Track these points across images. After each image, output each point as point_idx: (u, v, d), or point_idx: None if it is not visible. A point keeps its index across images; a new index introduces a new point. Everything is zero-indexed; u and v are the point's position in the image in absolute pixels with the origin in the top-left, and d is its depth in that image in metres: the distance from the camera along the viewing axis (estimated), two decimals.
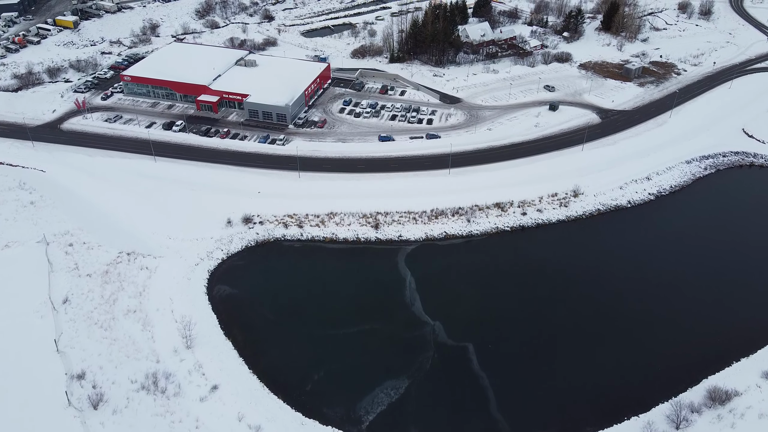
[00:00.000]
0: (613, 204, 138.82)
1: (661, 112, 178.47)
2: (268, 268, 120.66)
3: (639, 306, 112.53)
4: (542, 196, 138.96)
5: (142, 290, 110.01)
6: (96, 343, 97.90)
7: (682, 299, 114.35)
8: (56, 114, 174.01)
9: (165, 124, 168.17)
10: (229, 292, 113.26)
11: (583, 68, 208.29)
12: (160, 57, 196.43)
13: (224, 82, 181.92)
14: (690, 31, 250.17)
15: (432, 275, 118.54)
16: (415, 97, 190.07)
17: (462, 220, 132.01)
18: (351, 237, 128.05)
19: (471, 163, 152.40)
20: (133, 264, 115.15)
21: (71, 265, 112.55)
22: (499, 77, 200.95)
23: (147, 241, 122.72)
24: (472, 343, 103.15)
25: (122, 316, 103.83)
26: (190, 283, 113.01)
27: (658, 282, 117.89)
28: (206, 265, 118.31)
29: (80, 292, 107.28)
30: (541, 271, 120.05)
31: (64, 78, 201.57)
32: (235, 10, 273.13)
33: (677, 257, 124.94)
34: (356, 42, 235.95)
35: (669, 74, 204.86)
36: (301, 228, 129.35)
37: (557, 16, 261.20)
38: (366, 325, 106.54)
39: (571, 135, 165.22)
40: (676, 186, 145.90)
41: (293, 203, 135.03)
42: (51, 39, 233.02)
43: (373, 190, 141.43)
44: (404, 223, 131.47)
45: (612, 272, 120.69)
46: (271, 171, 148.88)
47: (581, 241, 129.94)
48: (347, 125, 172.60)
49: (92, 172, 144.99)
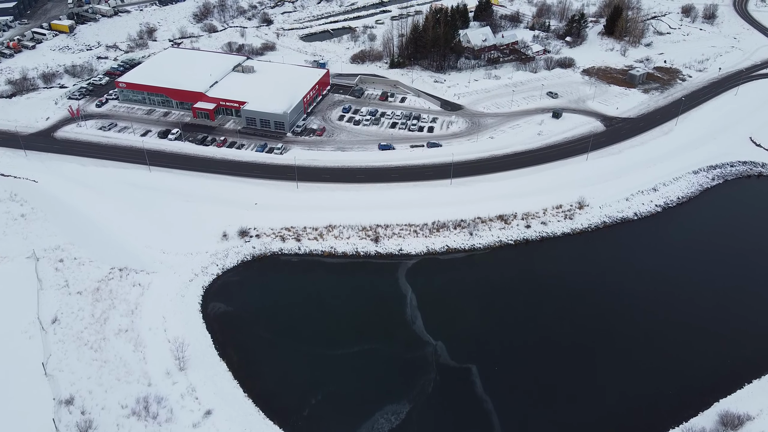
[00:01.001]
0: (620, 216, 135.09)
1: (667, 120, 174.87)
2: (265, 283, 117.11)
3: (647, 324, 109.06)
4: (546, 208, 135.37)
5: (134, 308, 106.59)
6: (85, 366, 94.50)
7: (691, 316, 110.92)
8: (50, 122, 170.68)
9: (160, 133, 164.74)
10: (224, 310, 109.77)
11: (586, 74, 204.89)
12: (156, 63, 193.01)
13: (221, 88, 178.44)
14: (694, 36, 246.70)
15: (433, 291, 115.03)
16: (416, 104, 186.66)
17: (464, 233, 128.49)
18: (350, 251, 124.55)
19: (473, 173, 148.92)
20: (125, 280, 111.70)
21: (61, 282, 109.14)
22: (501, 83, 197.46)
23: (140, 255, 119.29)
24: (475, 364, 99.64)
25: (113, 336, 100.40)
26: (184, 300, 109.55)
27: (666, 299, 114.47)
28: (201, 281, 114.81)
29: (70, 311, 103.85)
30: (546, 287, 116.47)
31: (59, 84, 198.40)
32: (233, 13, 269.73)
33: (685, 272, 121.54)
34: (356, 46, 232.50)
35: (674, 80, 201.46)
36: (298, 241, 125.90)
37: (559, 19, 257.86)
38: (365, 344, 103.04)
39: (575, 144, 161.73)
40: (683, 197, 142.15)
41: (291, 215, 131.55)
42: (46, 43, 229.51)
43: (372, 201, 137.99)
44: (405, 236, 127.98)
45: (619, 289, 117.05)
46: (268, 181, 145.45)
47: (587, 255, 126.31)
48: (346, 133, 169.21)
49: (85, 183, 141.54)
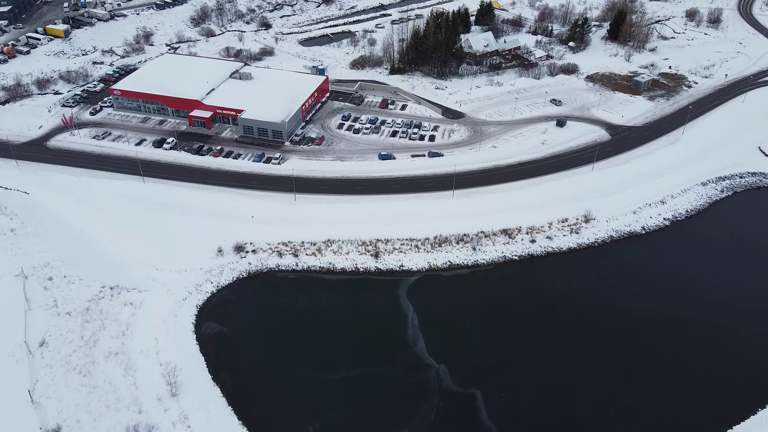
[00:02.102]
0: (627, 230, 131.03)
1: (673, 128, 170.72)
2: (261, 302, 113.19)
3: (657, 345, 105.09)
4: (552, 221, 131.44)
5: (125, 329, 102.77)
6: (74, 392, 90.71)
7: (702, 336, 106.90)
8: (43, 130, 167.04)
9: (155, 142, 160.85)
10: (218, 331, 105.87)
11: (590, 80, 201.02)
12: (151, 69, 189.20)
13: (218, 96, 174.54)
14: (699, 40, 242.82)
15: (436, 310, 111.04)
16: (417, 111, 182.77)
17: (467, 248, 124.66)
18: (349, 267, 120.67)
19: (476, 185, 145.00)
20: (116, 300, 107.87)
21: (50, 302, 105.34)
22: (503, 90, 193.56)
23: (132, 272, 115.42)
24: (480, 389, 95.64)
25: (103, 360, 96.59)
26: (176, 320, 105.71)
27: (676, 317, 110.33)
28: (194, 299, 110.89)
29: (58, 333, 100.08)
30: (552, 306, 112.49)
31: (53, 90, 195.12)
32: (231, 17, 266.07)
33: (695, 290, 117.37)
34: (355, 51, 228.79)
35: (679, 87, 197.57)
36: (296, 257, 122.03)
37: (562, 24, 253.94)
38: (365, 368, 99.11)
39: (580, 153, 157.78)
40: (692, 210, 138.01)
41: (288, 230, 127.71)
42: (41, 48, 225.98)
43: (372, 214, 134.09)
44: (406, 251, 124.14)
45: (627, 308, 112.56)
46: (265, 193, 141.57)
47: (594, 271, 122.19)
48: (346, 142, 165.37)
49: (78, 195, 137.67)
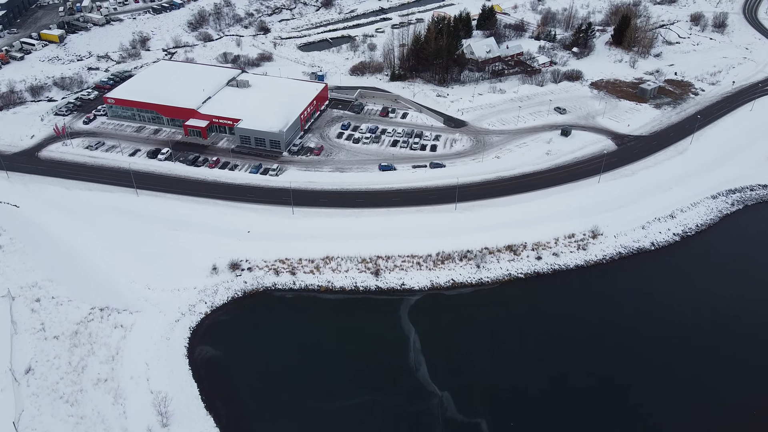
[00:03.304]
0: (636, 246, 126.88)
1: (681, 138, 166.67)
2: (256, 324, 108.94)
3: (670, 369, 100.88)
4: (558, 237, 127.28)
5: (115, 353, 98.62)
6: (61, 423, 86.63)
7: (717, 360, 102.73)
8: (35, 140, 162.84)
9: (150, 152, 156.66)
10: (211, 355, 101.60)
11: (594, 87, 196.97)
12: (146, 77, 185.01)
13: (214, 105, 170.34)
14: (704, 45, 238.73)
15: (439, 332, 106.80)
16: (418, 120, 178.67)
17: (471, 266, 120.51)
18: (348, 285, 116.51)
19: (479, 197, 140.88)
20: (106, 322, 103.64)
21: (37, 325, 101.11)
22: (506, 98, 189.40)
23: (124, 292, 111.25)
24: (485, 419, 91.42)
25: (91, 387, 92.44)
26: (169, 344, 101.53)
27: (691, 340, 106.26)
28: (188, 321, 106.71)
29: (45, 359, 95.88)
30: (560, 327, 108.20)
31: (47, 97, 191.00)
32: (229, 21, 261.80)
33: (709, 311, 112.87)
34: (355, 57, 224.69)
35: (686, 94, 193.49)
36: (293, 275, 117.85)
37: (565, 28, 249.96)
38: (366, 395, 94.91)
39: (585, 164, 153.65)
40: (702, 224, 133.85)
41: (286, 246, 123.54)
42: (35, 54, 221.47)
43: (373, 229, 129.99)
44: (407, 268, 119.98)
45: (638, 329, 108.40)
46: (262, 206, 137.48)
47: (603, 290, 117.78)
48: (345, 152, 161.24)
49: (69, 209, 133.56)
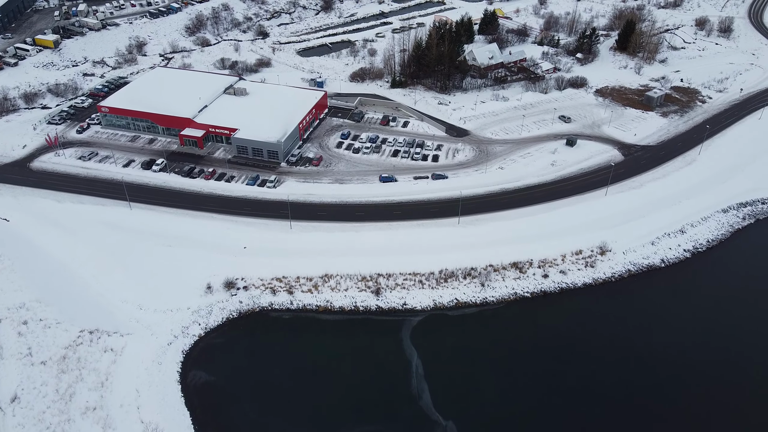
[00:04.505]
0: (645, 264, 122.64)
1: (689, 148, 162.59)
2: (252, 346, 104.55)
3: (686, 397, 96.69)
4: (565, 253, 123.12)
5: (104, 379, 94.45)
6: None
7: (734, 387, 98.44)
8: (27, 150, 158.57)
9: (144, 163, 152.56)
10: (205, 380, 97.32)
11: (599, 94, 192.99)
12: (142, 85, 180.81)
13: (211, 113, 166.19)
14: (710, 51, 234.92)
15: (442, 356, 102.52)
16: (419, 129, 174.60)
17: (475, 284, 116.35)
18: (348, 305, 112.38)
19: (483, 210, 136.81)
20: (95, 345, 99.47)
21: (24, 350, 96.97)
22: (509, 105, 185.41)
23: (115, 312, 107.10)
24: None
25: (79, 417, 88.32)
26: (160, 369, 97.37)
27: (705, 364, 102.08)
28: (180, 344, 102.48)
29: (32, 386, 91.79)
30: (569, 351, 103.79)
31: (41, 104, 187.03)
32: (227, 26, 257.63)
33: (723, 333, 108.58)
34: (355, 62, 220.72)
35: (693, 102, 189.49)
36: (291, 294, 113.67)
37: (568, 33, 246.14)
38: (366, 425, 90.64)
39: (592, 176, 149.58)
40: (713, 240, 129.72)
41: (283, 263, 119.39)
42: (29, 60, 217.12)
43: (373, 245, 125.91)
44: (409, 287, 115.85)
45: (651, 353, 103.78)
46: (259, 220, 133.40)
47: (613, 311, 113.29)
48: (345, 162, 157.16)
49: (60, 223, 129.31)
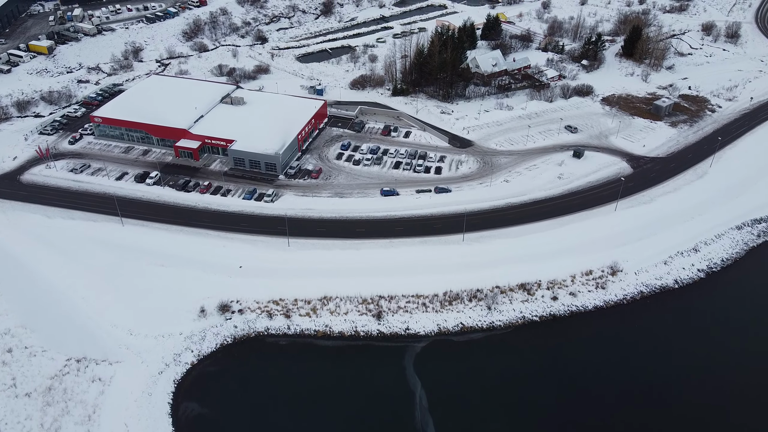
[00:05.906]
0: (658, 285, 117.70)
1: (700, 160, 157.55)
2: (247, 375, 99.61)
3: (703, 426, 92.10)
4: (575, 274, 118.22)
5: (91, 412, 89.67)
6: None
7: (752, 414, 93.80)
8: (17, 161, 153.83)
9: (138, 176, 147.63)
10: (198, 413, 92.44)
11: (606, 103, 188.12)
12: (136, 93, 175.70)
13: (207, 124, 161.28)
14: (718, 57, 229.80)
15: (448, 386, 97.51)
16: (422, 139, 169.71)
17: (481, 307, 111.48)
18: (348, 330, 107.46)
19: (488, 226, 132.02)
20: (83, 375, 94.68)
21: (8, 381, 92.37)
22: (513, 115, 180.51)
23: (104, 338, 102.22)
24: None
25: None
26: (150, 400, 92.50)
27: (720, 392, 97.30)
28: (172, 373, 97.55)
29: (16, 420, 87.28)
30: (581, 381, 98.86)
31: (34, 112, 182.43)
32: (225, 30, 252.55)
33: (741, 360, 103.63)
34: (356, 69, 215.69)
35: (702, 111, 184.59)
36: (288, 318, 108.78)
37: (573, 38, 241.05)
38: None
39: (600, 189, 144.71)
40: (728, 259, 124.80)
41: (280, 284, 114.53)
42: (23, 66, 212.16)
43: (374, 264, 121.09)
44: (412, 310, 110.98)
45: (668, 381, 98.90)
46: (256, 237, 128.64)
47: (625, 336, 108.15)
48: (345, 175, 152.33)
49: (49, 241, 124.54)
